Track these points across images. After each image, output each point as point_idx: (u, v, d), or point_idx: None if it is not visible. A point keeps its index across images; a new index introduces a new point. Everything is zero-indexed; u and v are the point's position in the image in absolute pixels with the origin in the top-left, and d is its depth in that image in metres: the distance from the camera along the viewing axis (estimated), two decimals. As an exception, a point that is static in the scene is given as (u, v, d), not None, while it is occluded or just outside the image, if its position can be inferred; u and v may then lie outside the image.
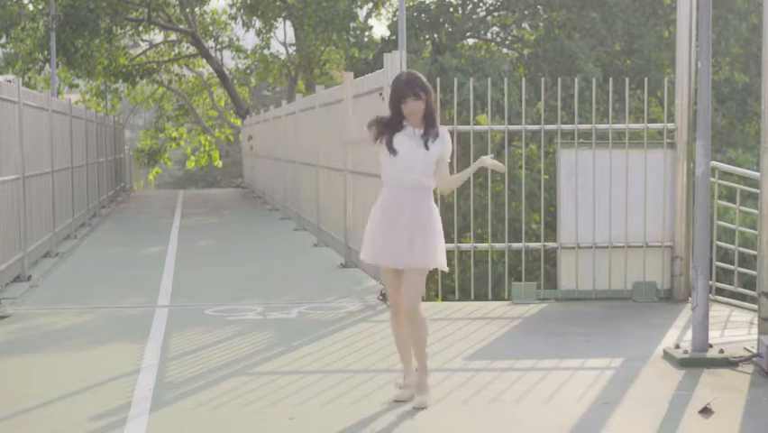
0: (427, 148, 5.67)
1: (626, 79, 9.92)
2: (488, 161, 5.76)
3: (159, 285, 10.44)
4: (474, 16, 30.56)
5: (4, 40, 29.67)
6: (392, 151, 5.69)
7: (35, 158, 12.13)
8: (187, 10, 32.02)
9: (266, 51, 33.51)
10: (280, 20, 32.49)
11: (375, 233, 5.77)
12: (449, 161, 5.82)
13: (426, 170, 5.69)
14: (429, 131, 5.70)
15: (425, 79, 5.75)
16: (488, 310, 8.79)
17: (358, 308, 8.87)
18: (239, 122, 35.29)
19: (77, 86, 34.06)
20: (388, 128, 5.73)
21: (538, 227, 21.56)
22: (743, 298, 9.37)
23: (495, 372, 6.51)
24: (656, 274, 9.23)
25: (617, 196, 9.17)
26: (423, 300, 9.33)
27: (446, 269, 5.90)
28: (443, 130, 5.81)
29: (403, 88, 5.66)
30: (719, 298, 9.14)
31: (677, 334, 7.68)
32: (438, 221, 5.75)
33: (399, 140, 5.70)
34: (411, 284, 5.69)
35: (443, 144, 5.74)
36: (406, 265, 5.67)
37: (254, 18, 32.15)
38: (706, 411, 5.55)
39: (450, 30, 29.40)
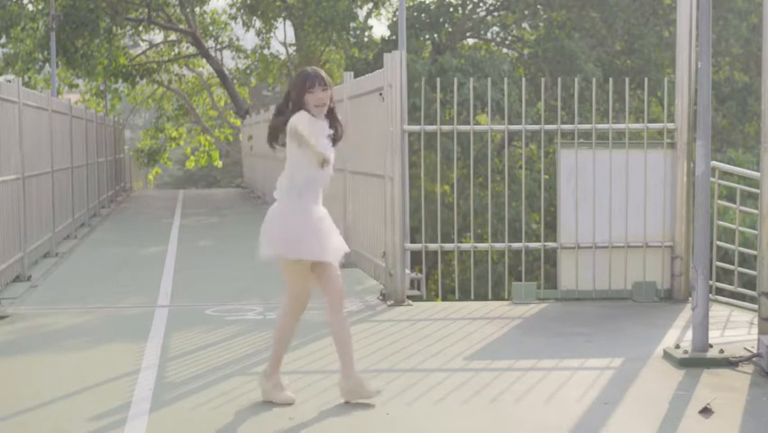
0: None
1: (626, 79, 9.91)
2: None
3: (159, 285, 10.44)
4: (474, 16, 30.53)
5: (4, 40, 29.66)
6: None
7: (35, 158, 12.13)
8: (188, 10, 32.01)
9: (266, 51, 33.51)
10: (280, 20, 32.49)
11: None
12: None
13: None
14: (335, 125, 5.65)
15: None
16: (488, 310, 8.79)
17: (358, 308, 8.87)
18: (239, 122, 35.28)
19: (77, 86, 34.04)
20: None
21: (538, 227, 21.55)
22: (743, 298, 9.37)
23: (495, 372, 6.51)
24: (656, 274, 9.22)
25: (617, 196, 9.17)
26: (423, 300, 9.44)
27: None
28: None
29: (312, 77, 5.54)
30: (719, 298, 9.14)
31: (677, 334, 7.68)
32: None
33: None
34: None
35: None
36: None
37: (254, 18, 32.14)
38: (706, 411, 5.55)
39: (450, 30, 29.37)
